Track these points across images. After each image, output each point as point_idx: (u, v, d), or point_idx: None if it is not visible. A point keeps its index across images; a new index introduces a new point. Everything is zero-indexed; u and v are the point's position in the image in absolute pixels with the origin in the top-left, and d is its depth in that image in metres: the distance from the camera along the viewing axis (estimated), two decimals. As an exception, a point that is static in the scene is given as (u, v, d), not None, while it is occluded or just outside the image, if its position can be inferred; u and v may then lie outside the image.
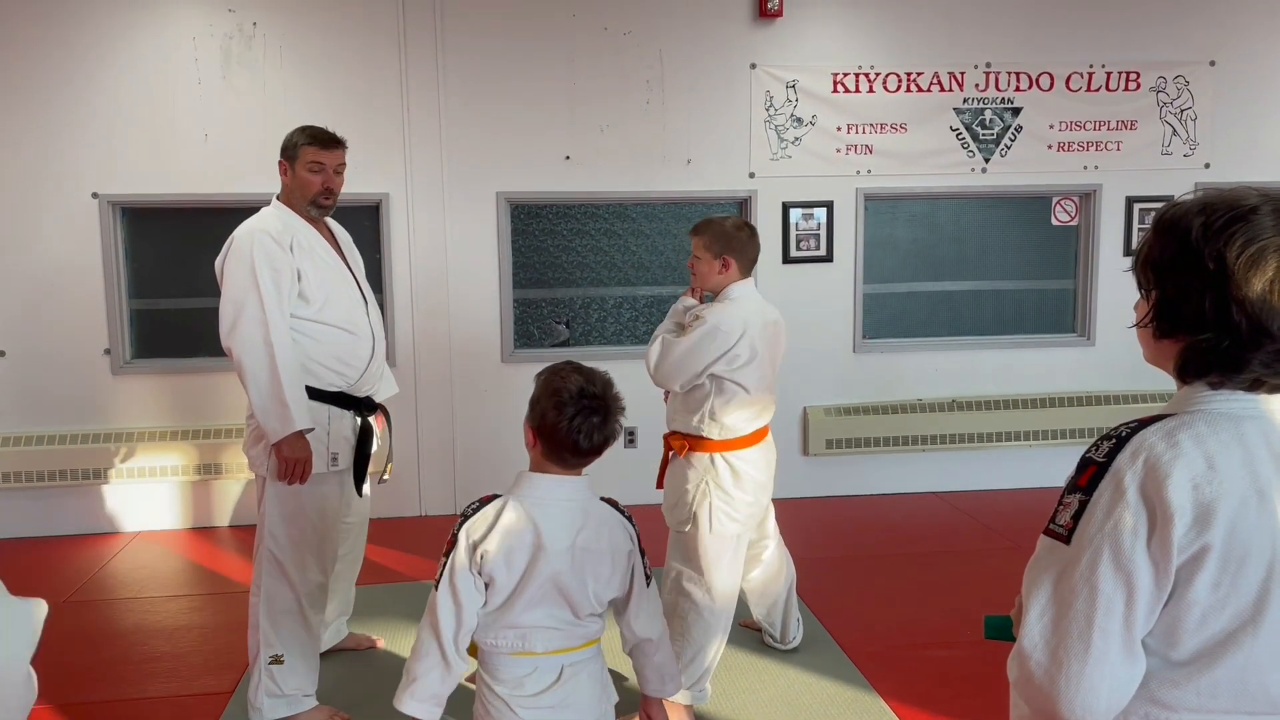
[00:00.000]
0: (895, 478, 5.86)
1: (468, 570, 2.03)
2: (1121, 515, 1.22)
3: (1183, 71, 5.78)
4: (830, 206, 5.66)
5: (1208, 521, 1.19)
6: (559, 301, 5.68)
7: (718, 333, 3.09)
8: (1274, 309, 1.22)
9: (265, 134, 5.26)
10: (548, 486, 2.09)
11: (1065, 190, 5.85)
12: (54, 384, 5.26)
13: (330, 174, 3.26)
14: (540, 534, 2.04)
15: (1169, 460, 1.21)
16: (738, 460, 3.19)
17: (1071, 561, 1.24)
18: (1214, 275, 1.23)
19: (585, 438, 2.04)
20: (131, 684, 3.60)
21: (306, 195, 3.25)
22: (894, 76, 5.61)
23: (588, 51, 5.42)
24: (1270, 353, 1.23)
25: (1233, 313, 1.22)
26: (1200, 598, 1.21)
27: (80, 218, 5.17)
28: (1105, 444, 1.28)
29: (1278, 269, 1.22)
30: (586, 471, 2.16)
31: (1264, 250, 1.22)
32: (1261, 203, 1.25)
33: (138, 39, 5.14)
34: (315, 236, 3.25)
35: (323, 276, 3.18)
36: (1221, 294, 1.23)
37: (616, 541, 2.14)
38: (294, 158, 3.27)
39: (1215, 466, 1.21)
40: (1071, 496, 1.28)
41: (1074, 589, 1.23)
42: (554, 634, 2.10)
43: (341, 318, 3.20)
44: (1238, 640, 1.22)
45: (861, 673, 3.55)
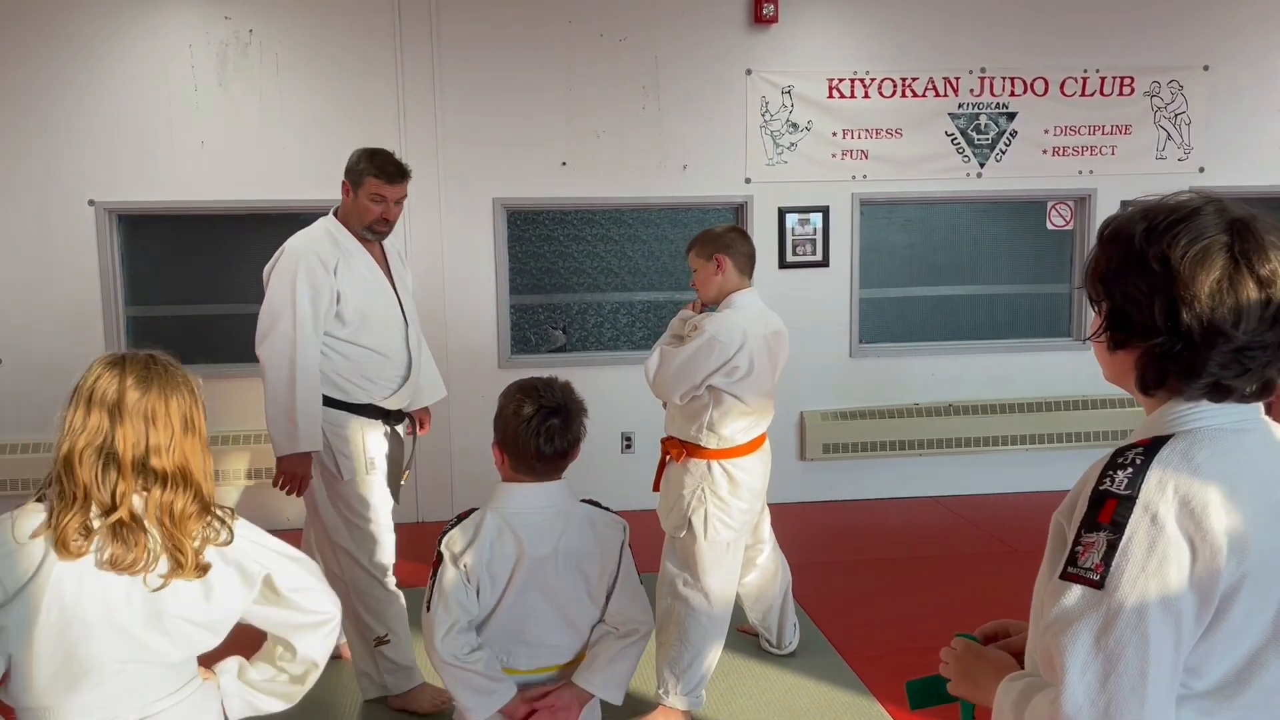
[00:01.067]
0: (892, 482, 5.86)
1: (459, 581, 2.03)
2: (1165, 553, 1.12)
3: (1177, 76, 5.80)
4: (826, 212, 5.67)
5: (1245, 549, 1.14)
6: (556, 307, 5.68)
7: (715, 344, 3.05)
8: (1225, 307, 1.16)
9: (262, 141, 5.27)
10: (524, 495, 2.10)
11: (1060, 195, 5.86)
12: (51, 391, 5.19)
13: (390, 205, 3.28)
14: (521, 543, 2.04)
15: (1200, 488, 1.14)
16: (734, 468, 3.19)
17: (1115, 608, 1.12)
18: (1160, 277, 1.19)
19: (547, 442, 2.05)
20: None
21: (363, 221, 3.29)
22: (889, 82, 5.62)
23: (584, 58, 5.43)
24: (1226, 353, 1.18)
25: (1183, 315, 1.17)
26: (1235, 626, 1.15)
27: (77, 225, 5.17)
28: (1120, 474, 1.18)
29: (1224, 265, 1.17)
30: (577, 477, 2.16)
31: (1209, 248, 1.17)
32: (1204, 204, 1.22)
33: (134, 46, 5.14)
34: (365, 258, 3.31)
35: (363, 299, 3.25)
36: (1169, 296, 1.18)
37: (605, 538, 2.13)
38: (357, 184, 3.28)
39: (1239, 490, 1.15)
40: (1094, 535, 1.16)
41: (1122, 639, 1.12)
42: (540, 650, 2.09)
43: (376, 341, 3.28)
44: (1263, 661, 1.18)
45: (858, 677, 3.56)
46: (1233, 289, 1.17)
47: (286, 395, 3.13)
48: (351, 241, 3.29)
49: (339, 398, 3.26)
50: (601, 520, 2.16)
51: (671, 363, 3.11)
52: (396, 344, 3.34)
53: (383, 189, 3.25)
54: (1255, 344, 1.18)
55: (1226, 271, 1.17)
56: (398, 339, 3.34)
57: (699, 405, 3.14)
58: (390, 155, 3.33)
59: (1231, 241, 1.18)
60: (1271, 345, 1.19)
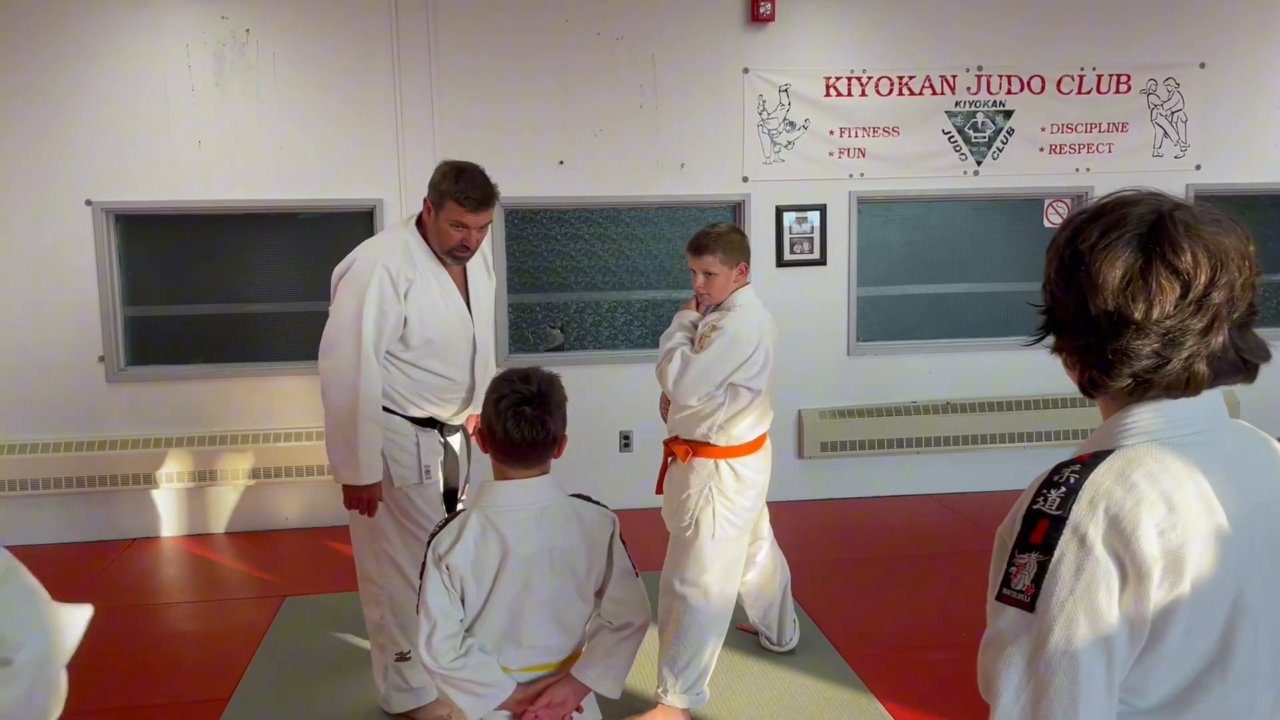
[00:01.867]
0: (890, 480, 5.87)
1: (440, 583, 2.03)
2: (1093, 575, 1.11)
3: (1173, 74, 5.81)
4: (823, 210, 5.67)
5: (1179, 570, 1.11)
6: (554, 306, 5.68)
7: (738, 343, 3.11)
8: (1133, 296, 1.14)
9: (259, 141, 5.26)
10: (508, 492, 2.09)
11: (1057, 193, 5.87)
12: (48, 392, 5.25)
13: (472, 233, 3.07)
14: (505, 541, 2.03)
15: (1131, 508, 1.11)
16: (741, 466, 3.21)
17: (1044, 632, 1.12)
18: (1071, 270, 1.18)
19: (518, 430, 2.03)
20: (128, 691, 3.59)
21: (442, 246, 3.10)
22: (886, 80, 5.63)
23: (581, 57, 5.43)
24: (1139, 344, 1.14)
25: (1089, 306, 1.16)
26: (1173, 647, 1.13)
27: (74, 225, 5.16)
28: (1053, 493, 1.16)
29: (1134, 256, 1.15)
30: (576, 475, 2.15)
31: (1119, 239, 1.16)
32: (1140, 199, 1.20)
33: (131, 46, 5.13)
34: (440, 279, 3.14)
35: (430, 325, 3.11)
36: (1078, 287, 1.17)
37: (593, 532, 2.12)
38: (438, 205, 3.04)
39: (1175, 508, 1.12)
40: (1026, 556, 1.15)
41: (1051, 664, 1.11)
42: (531, 650, 2.09)
43: (440, 366, 3.16)
44: (1206, 684, 1.15)
45: (858, 675, 3.56)
46: (1143, 278, 1.14)
47: (348, 424, 3.03)
48: (428, 259, 3.12)
49: (397, 410, 3.18)
50: (589, 514, 2.14)
51: (694, 367, 3.10)
52: (460, 369, 3.21)
53: (464, 216, 3.02)
54: (1175, 330, 1.14)
55: (1136, 262, 1.15)
56: (462, 363, 3.21)
57: (713, 404, 3.16)
58: (478, 177, 3.05)
59: (1145, 233, 1.16)
60: (1194, 331, 1.15)
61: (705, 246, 3.18)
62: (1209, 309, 1.15)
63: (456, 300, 3.18)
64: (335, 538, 5.32)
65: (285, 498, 5.47)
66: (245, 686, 3.59)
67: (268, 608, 4.32)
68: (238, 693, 3.53)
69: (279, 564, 4.95)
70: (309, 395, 5.40)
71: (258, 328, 5.45)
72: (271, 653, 3.87)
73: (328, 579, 4.68)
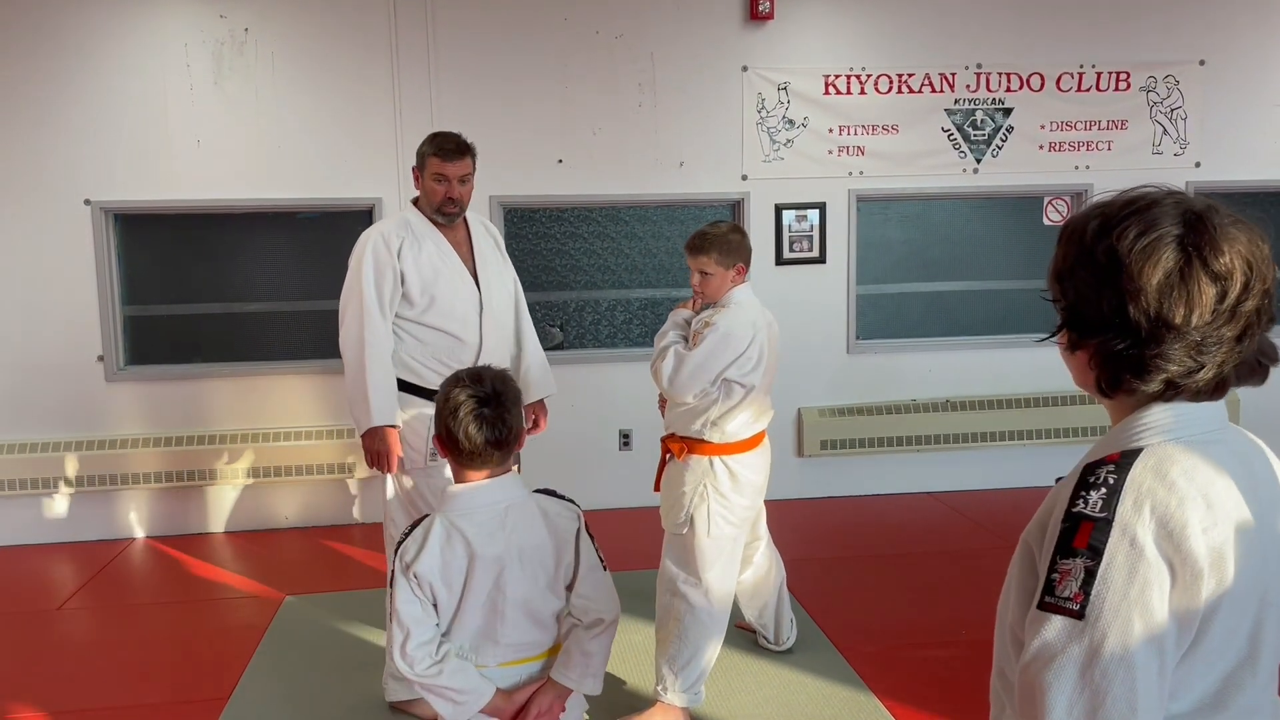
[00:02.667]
0: (889, 478, 5.87)
1: (409, 591, 2.02)
2: (1146, 577, 1.08)
3: (1172, 71, 5.80)
4: (823, 208, 5.67)
5: (1224, 568, 1.10)
6: (553, 305, 5.68)
7: (731, 338, 3.10)
8: (1174, 300, 1.12)
9: (258, 140, 5.26)
10: (470, 495, 2.07)
11: (1057, 190, 5.87)
12: (47, 391, 5.25)
13: (454, 184, 3.29)
14: (471, 544, 2.03)
15: (1177, 507, 1.10)
16: (736, 464, 3.20)
17: (1098, 639, 1.08)
18: (1108, 270, 1.15)
19: (480, 433, 2.02)
20: (126, 690, 3.59)
21: (432, 204, 3.32)
22: (885, 78, 5.62)
23: (580, 55, 5.42)
24: (1177, 348, 1.13)
25: (1129, 309, 1.13)
26: (1214, 646, 1.12)
27: (73, 224, 5.16)
28: (1093, 495, 1.13)
29: (1175, 258, 1.13)
30: (576, 474, 2.15)
31: (1159, 240, 1.13)
32: (1162, 196, 1.18)
33: (130, 45, 5.13)
34: (437, 240, 3.33)
35: (430, 280, 3.27)
36: (1117, 289, 1.14)
37: (559, 527, 2.10)
38: (422, 167, 3.31)
39: (1213, 505, 1.11)
40: (1070, 561, 1.11)
41: (1108, 672, 1.07)
42: (508, 648, 2.09)
43: (445, 322, 3.30)
44: (1239, 681, 1.15)
45: (857, 673, 3.56)
46: (1183, 282, 1.12)
47: (358, 373, 3.19)
48: (424, 225, 3.33)
49: (413, 381, 3.30)
50: (554, 509, 2.13)
51: (688, 364, 3.10)
52: (468, 327, 3.33)
53: (443, 168, 3.26)
54: (1210, 338, 1.14)
55: (1177, 264, 1.13)
56: (470, 322, 3.34)
57: (706, 401, 3.15)
58: (450, 134, 3.33)
59: (1184, 234, 1.14)
60: (1228, 340, 1.14)
61: (702, 246, 3.18)
62: (1241, 317, 1.14)
63: (454, 260, 3.33)
64: (334, 537, 5.32)
65: (284, 497, 5.47)
66: (245, 685, 3.58)
67: (267, 607, 4.32)
68: (238, 691, 3.53)
69: (278, 563, 4.95)
70: (308, 394, 5.41)
71: (257, 327, 5.45)
72: (271, 651, 3.87)
73: (327, 578, 4.68)
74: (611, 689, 3.47)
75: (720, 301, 3.22)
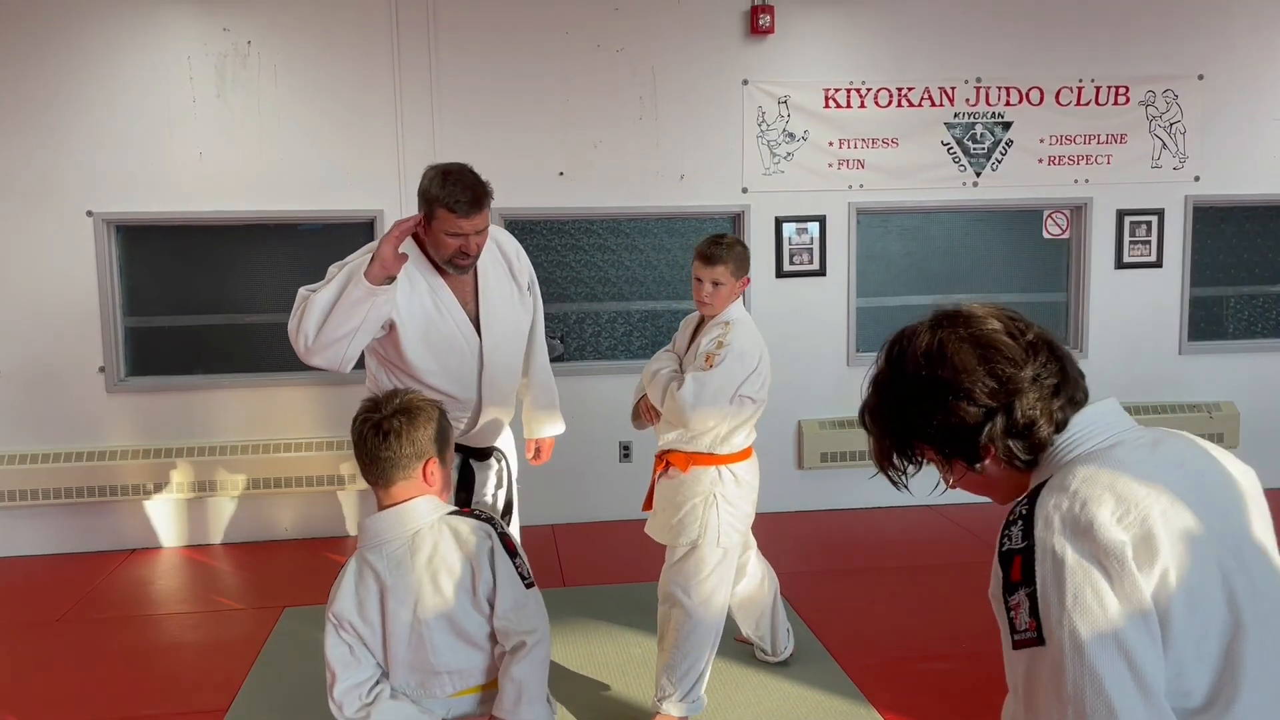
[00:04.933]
0: (889, 491, 5.79)
1: (336, 637, 2.05)
2: (1075, 584, 1.14)
3: (1172, 85, 5.82)
4: (823, 221, 5.68)
5: (1153, 546, 1.15)
6: (553, 317, 5.68)
7: (745, 356, 3.13)
8: (998, 367, 1.31)
9: (260, 152, 5.28)
10: (376, 526, 2.07)
11: (1056, 204, 5.88)
12: (48, 402, 5.25)
13: (470, 239, 2.80)
14: (380, 576, 2.03)
15: (1082, 509, 1.17)
16: (739, 470, 3.24)
17: (1057, 657, 1.14)
18: (935, 385, 1.34)
19: (362, 444, 2.04)
20: (126, 702, 3.59)
21: (441, 255, 2.85)
22: (885, 91, 5.64)
23: (581, 68, 5.45)
24: (1028, 393, 1.30)
25: (978, 395, 1.31)
26: (1183, 624, 1.14)
27: (75, 236, 5.18)
28: (1014, 530, 1.23)
29: (969, 347, 1.35)
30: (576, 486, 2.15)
31: (942, 343, 1.37)
32: (914, 326, 1.45)
33: (133, 58, 5.16)
34: (436, 286, 2.90)
35: (420, 331, 2.88)
36: (957, 392, 1.32)
37: (470, 547, 2.06)
38: (431, 216, 2.79)
39: (1120, 496, 1.18)
40: (1017, 595, 1.19)
41: (1078, 685, 1.12)
42: (452, 676, 2.07)
43: (438, 381, 2.92)
44: (1240, 653, 1.15)
45: (856, 686, 3.55)
46: (985, 352, 1.32)
47: (316, 317, 2.72)
48: (424, 269, 2.88)
49: None
50: (466, 529, 2.08)
51: (709, 387, 3.09)
52: (464, 386, 2.97)
53: (458, 225, 2.75)
54: (1042, 374, 1.30)
55: (969, 347, 1.33)
56: (466, 380, 2.97)
57: (721, 418, 3.17)
58: (466, 177, 2.80)
59: (944, 327, 1.39)
60: (1054, 368, 1.31)
61: (719, 256, 3.16)
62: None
63: (456, 312, 2.93)
64: (333, 548, 5.32)
65: (284, 508, 5.47)
66: (244, 697, 3.58)
67: (267, 618, 4.32)
68: (236, 703, 3.52)
69: (278, 574, 4.94)
70: (308, 406, 5.42)
71: (257, 339, 5.45)
72: (270, 663, 3.86)
73: (326, 590, 4.65)
74: (609, 701, 3.47)
75: (720, 318, 3.23)
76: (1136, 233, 5.89)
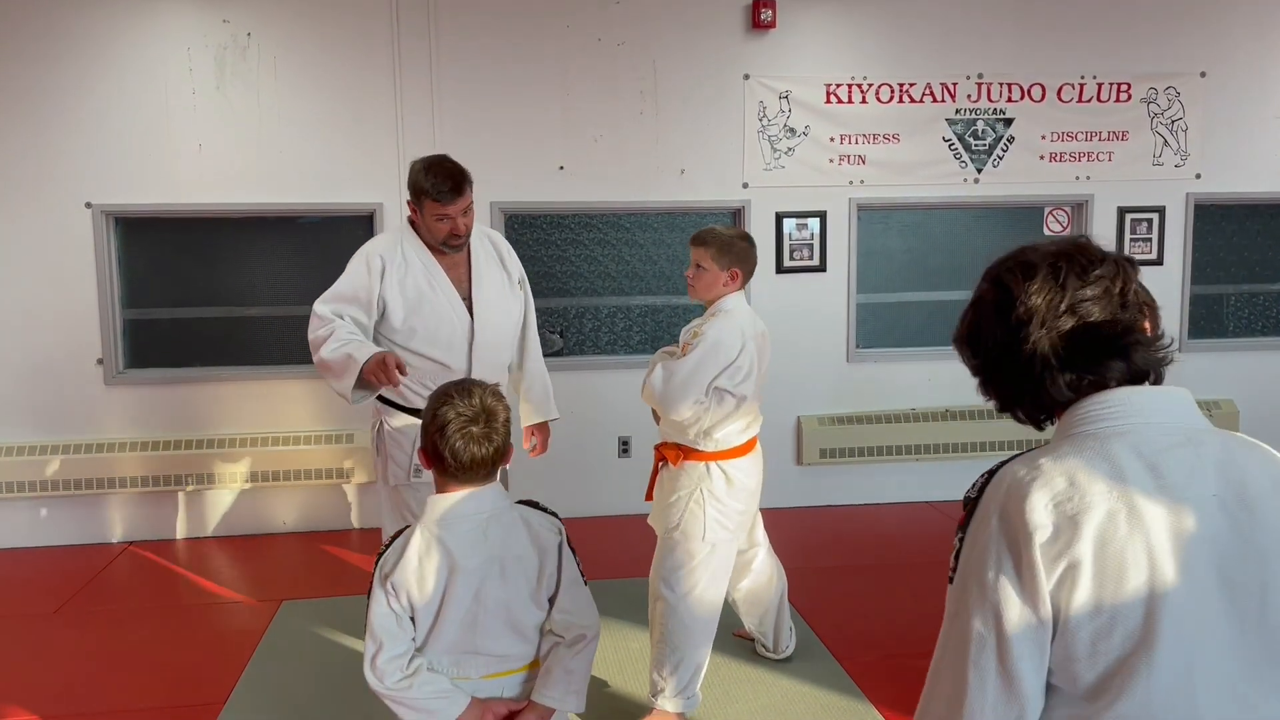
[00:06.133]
0: (889, 487, 5.86)
1: (384, 603, 2.02)
2: (986, 545, 1.23)
3: (1174, 83, 5.81)
4: (823, 216, 5.67)
5: (1072, 535, 1.17)
6: (553, 311, 5.68)
7: (721, 347, 3.07)
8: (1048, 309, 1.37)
9: (259, 145, 5.27)
10: (451, 506, 2.06)
11: (1057, 201, 5.88)
12: (46, 394, 5.24)
13: (458, 220, 3.18)
14: (452, 554, 2.02)
15: (1027, 482, 1.22)
16: (731, 468, 3.19)
17: (952, 600, 1.27)
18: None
19: (466, 451, 2.02)
20: (123, 695, 3.58)
21: (435, 238, 3.22)
22: (886, 87, 5.63)
23: (582, 62, 5.43)
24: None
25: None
26: (1083, 621, 1.17)
27: (74, 227, 5.17)
28: (980, 480, 1.30)
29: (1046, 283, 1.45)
30: (575, 480, 2.16)
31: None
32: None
33: (132, 49, 5.14)
34: (428, 264, 3.24)
35: (414, 305, 3.19)
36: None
37: (542, 539, 2.09)
38: (419, 205, 3.19)
39: (1076, 483, 1.20)
40: (956, 538, 1.30)
41: (951, 627, 1.26)
42: (490, 659, 2.08)
43: (430, 348, 3.22)
44: (1134, 668, 1.16)
45: (855, 683, 3.55)
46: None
47: (319, 352, 3.12)
48: (418, 250, 3.24)
49: (398, 401, 3.25)
50: (537, 521, 2.12)
51: (678, 374, 3.06)
52: (455, 354, 3.24)
53: (443, 210, 3.15)
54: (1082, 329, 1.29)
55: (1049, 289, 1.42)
56: (457, 349, 3.24)
57: (699, 410, 3.14)
58: (445, 166, 3.18)
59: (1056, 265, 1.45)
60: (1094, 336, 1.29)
61: (704, 240, 3.22)
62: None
63: (444, 284, 3.24)
64: (332, 542, 5.31)
65: (283, 501, 5.47)
66: (242, 690, 3.58)
67: (265, 611, 4.32)
68: (234, 696, 3.52)
69: (277, 567, 4.94)
70: (307, 399, 5.41)
71: (257, 331, 5.45)
72: (268, 657, 3.86)
73: (325, 583, 4.67)
74: (606, 696, 3.47)
75: (710, 310, 3.22)
76: (1137, 230, 5.89)
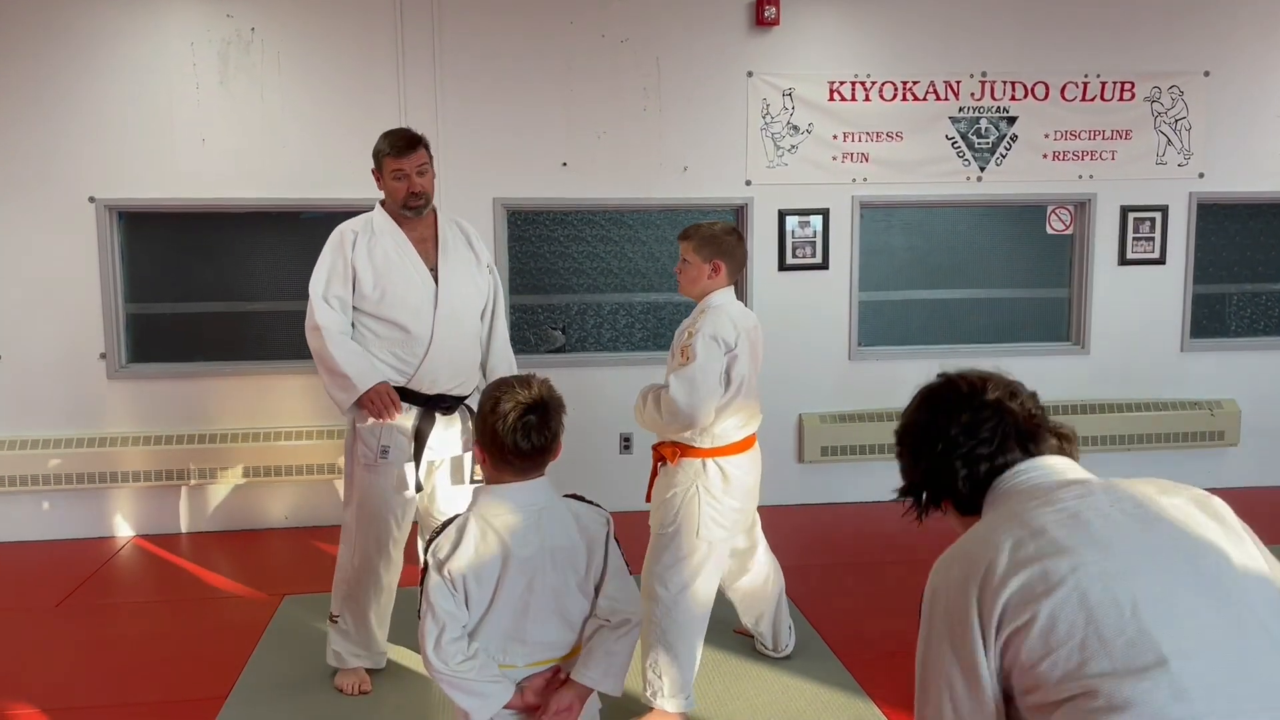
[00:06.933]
0: (890, 485, 5.82)
1: (444, 587, 2.04)
2: (929, 614, 1.65)
3: (1177, 82, 5.81)
4: (826, 214, 5.67)
5: (1044, 584, 1.45)
6: (555, 308, 5.68)
7: (717, 339, 3.10)
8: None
9: (262, 139, 5.27)
10: (506, 496, 2.11)
11: (1060, 199, 5.87)
12: (49, 388, 5.25)
13: (413, 178, 3.35)
14: (506, 544, 2.05)
15: (981, 554, 1.60)
16: (728, 465, 3.19)
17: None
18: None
19: (524, 439, 2.05)
20: (124, 689, 3.59)
21: (396, 201, 3.39)
22: (890, 85, 5.63)
23: (585, 58, 5.43)
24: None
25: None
26: (1036, 644, 1.42)
27: (77, 222, 5.17)
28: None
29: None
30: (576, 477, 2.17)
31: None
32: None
33: (135, 43, 5.14)
34: (396, 236, 3.39)
35: (383, 272, 3.34)
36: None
37: (591, 530, 2.15)
38: (380, 167, 3.40)
39: (1039, 532, 1.52)
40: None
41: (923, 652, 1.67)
42: (536, 647, 2.10)
43: (396, 313, 3.35)
44: (1084, 674, 1.36)
45: (856, 680, 3.56)
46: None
47: (324, 353, 3.28)
48: (386, 222, 3.40)
49: None
50: (585, 513, 2.17)
51: (695, 377, 3.05)
52: (419, 320, 3.36)
53: (399, 164, 3.33)
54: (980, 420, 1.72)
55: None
56: (422, 315, 3.37)
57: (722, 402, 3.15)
58: (400, 129, 3.42)
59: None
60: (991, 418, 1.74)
61: (687, 234, 3.29)
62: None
63: (411, 255, 3.39)
64: (333, 537, 5.29)
65: (284, 496, 5.47)
66: (243, 684, 3.58)
67: (265, 606, 4.32)
68: (235, 690, 3.53)
69: (277, 562, 4.95)
70: (309, 394, 5.41)
71: (259, 326, 5.45)
72: (269, 651, 3.87)
73: (326, 577, 4.65)
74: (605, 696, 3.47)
75: (699, 306, 3.23)
76: (1140, 229, 5.88)
